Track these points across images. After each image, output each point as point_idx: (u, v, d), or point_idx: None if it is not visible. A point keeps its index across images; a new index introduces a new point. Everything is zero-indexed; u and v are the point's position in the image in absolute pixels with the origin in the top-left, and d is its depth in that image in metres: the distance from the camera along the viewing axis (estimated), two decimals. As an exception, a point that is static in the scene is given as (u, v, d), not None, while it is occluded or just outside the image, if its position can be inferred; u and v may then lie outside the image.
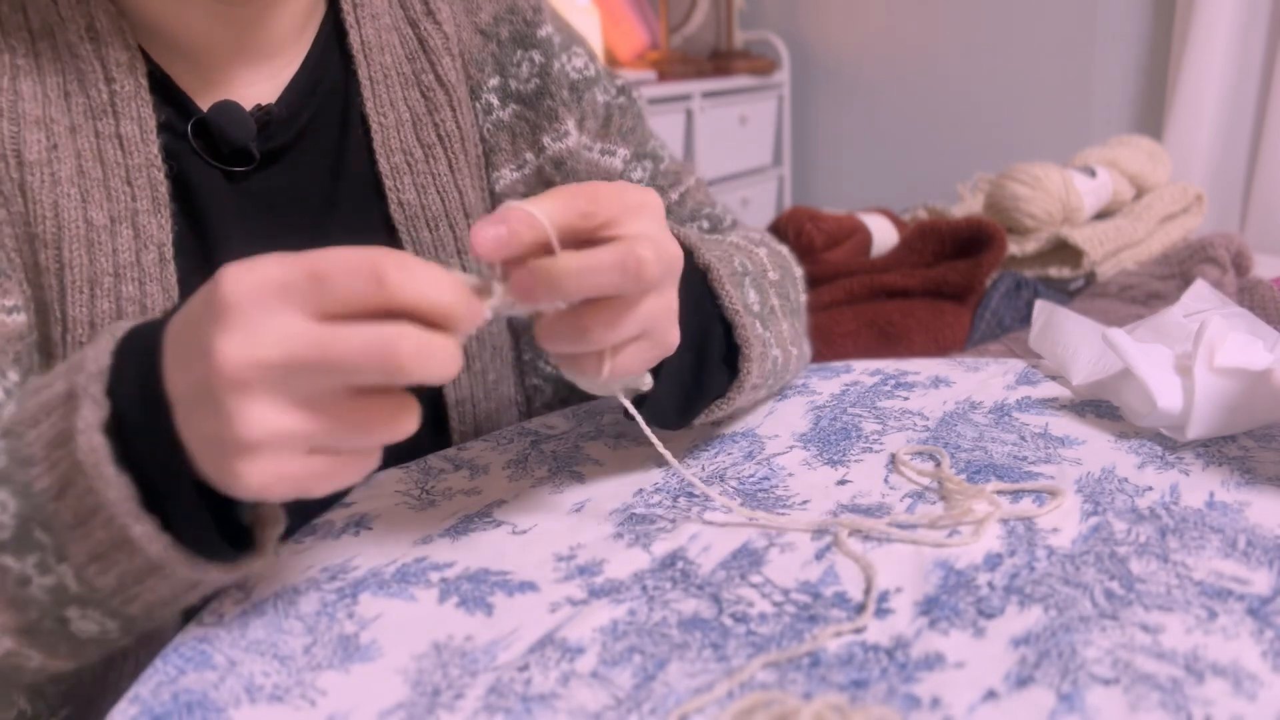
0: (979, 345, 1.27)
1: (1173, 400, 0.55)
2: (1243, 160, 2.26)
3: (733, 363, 0.55)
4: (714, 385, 0.55)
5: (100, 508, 0.38)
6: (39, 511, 0.39)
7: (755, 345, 0.55)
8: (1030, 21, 2.44)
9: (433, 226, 0.63)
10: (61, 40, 0.55)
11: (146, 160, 0.55)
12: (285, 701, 0.38)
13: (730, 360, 0.56)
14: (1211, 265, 1.32)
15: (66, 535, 0.39)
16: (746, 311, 0.55)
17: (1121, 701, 0.35)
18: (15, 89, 0.54)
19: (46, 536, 0.39)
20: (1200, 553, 0.44)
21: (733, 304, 0.54)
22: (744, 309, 0.55)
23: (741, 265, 0.58)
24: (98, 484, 0.38)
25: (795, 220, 1.51)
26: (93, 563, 0.40)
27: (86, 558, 0.40)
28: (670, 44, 2.71)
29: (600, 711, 0.37)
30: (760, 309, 0.58)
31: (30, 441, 0.39)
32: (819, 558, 0.46)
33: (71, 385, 0.39)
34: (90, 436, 0.38)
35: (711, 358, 0.55)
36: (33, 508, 0.39)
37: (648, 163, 0.73)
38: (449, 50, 0.65)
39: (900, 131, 2.71)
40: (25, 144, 0.53)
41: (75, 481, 0.38)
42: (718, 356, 0.55)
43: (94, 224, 0.54)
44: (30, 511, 0.39)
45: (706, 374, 0.54)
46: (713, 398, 0.56)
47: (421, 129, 0.64)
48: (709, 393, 0.55)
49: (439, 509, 0.54)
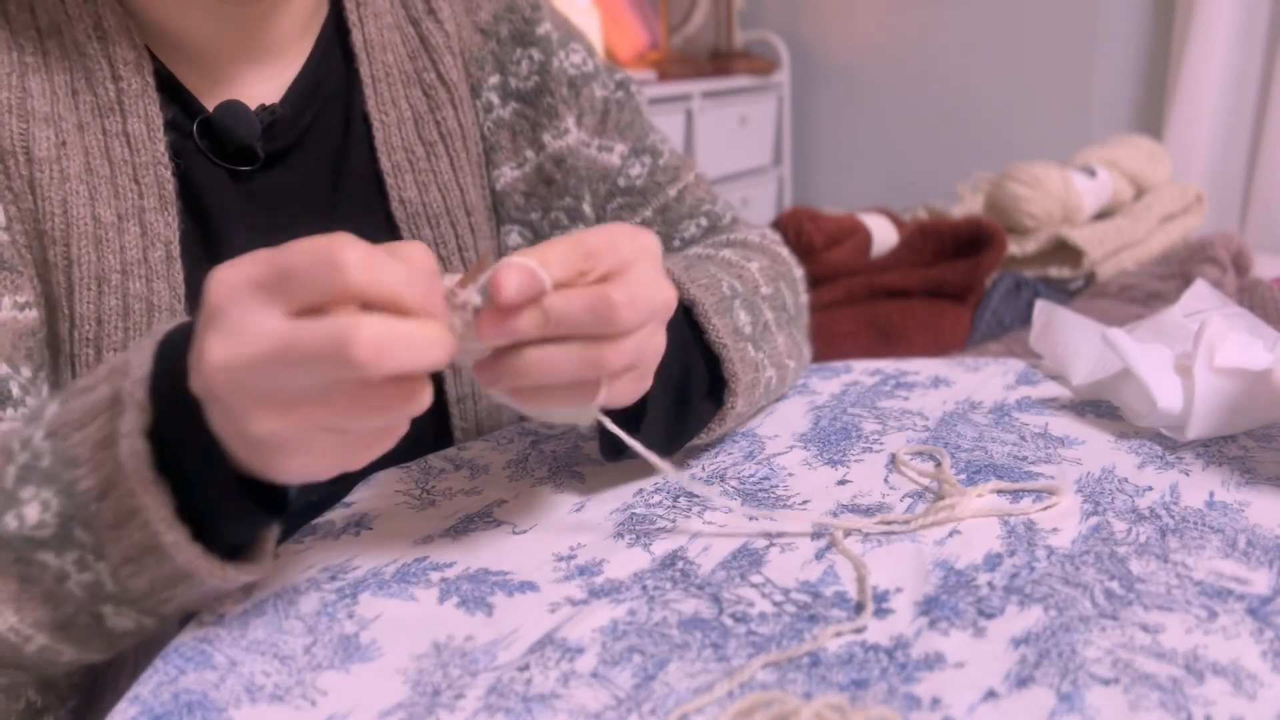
0: (979, 345, 1.27)
1: (1173, 400, 0.55)
2: (1243, 160, 2.26)
3: (717, 394, 0.55)
4: (697, 420, 0.55)
5: (138, 511, 0.39)
6: (81, 511, 0.40)
7: (744, 375, 0.55)
8: (1030, 21, 2.44)
9: (434, 224, 0.63)
10: (69, 38, 0.55)
11: (153, 158, 0.56)
12: (285, 701, 0.38)
13: (714, 392, 0.56)
14: (1211, 265, 1.32)
15: (106, 535, 0.40)
16: (737, 336, 0.55)
17: (1121, 701, 0.35)
18: (24, 86, 0.54)
19: (86, 535, 0.40)
20: (1200, 553, 0.44)
21: (719, 337, 0.54)
22: (733, 336, 0.55)
23: (730, 288, 0.57)
24: (138, 488, 0.39)
25: (795, 220, 1.51)
26: (126, 564, 0.40)
27: (121, 559, 0.40)
28: (670, 44, 2.71)
29: (600, 711, 0.37)
30: (753, 329, 0.57)
31: (77, 443, 0.40)
32: (819, 558, 0.46)
33: (116, 390, 0.40)
34: (133, 441, 0.38)
35: (695, 394, 0.55)
36: (75, 507, 0.40)
37: (646, 158, 0.73)
38: (450, 49, 0.65)
39: (900, 131, 2.71)
40: (34, 141, 0.54)
41: (117, 484, 0.39)
42: (701, 392, 0.55)
43: (102, 221, 0.54)
44: (72, 511, 0.40)
45: (689, 411, 0.54)
46: (697, 430, 0.56)
47: (423, 127, 0.64)
48: (693, 428, 0.56)
49: (439, 509, 0.54)
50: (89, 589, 0.41)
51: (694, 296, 0.54)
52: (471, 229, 0.65)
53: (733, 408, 0.55)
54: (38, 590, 0.41)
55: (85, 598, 0.41)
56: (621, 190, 0.71)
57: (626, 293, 0.41)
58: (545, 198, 0.68)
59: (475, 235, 0.65)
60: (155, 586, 0.41)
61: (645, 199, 0.72)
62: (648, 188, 0.72)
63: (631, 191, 0.72)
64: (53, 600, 0.41)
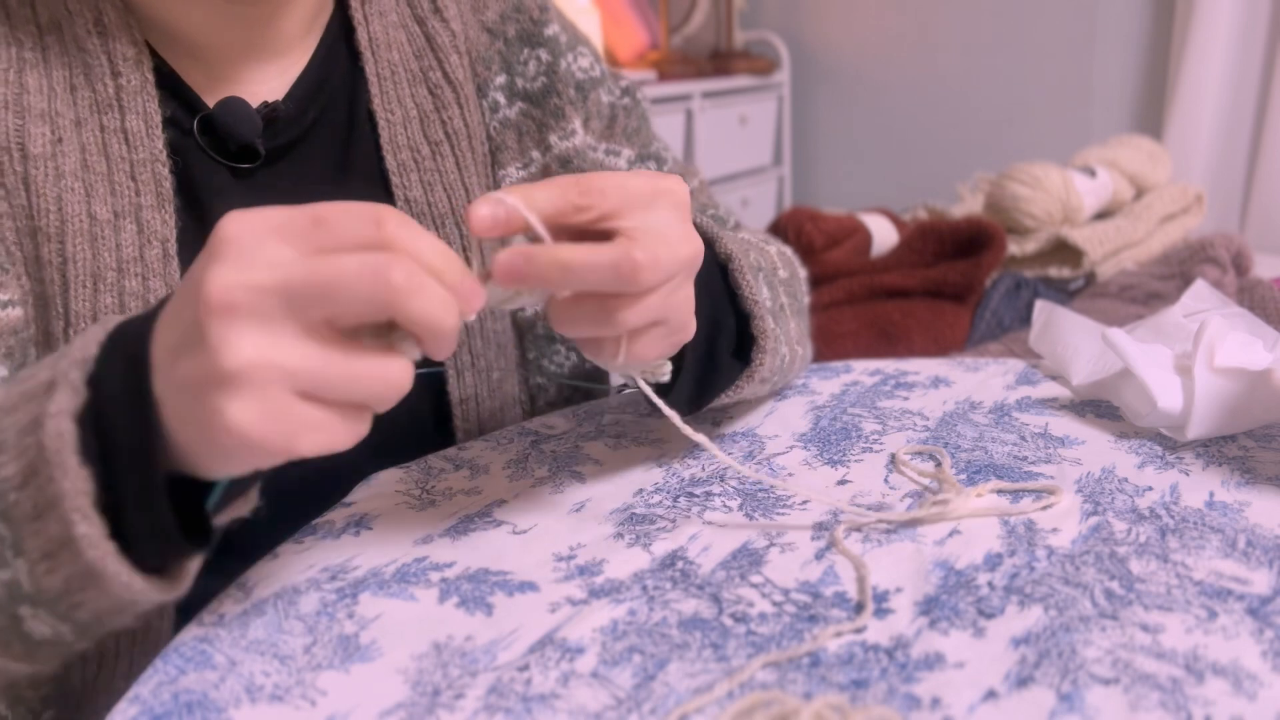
0: (979, 345, 1.27)
1: (1173, 400, 0.55)
2: (1243, 160, 2.26)
3: (742, 355, 0.56)
4: (724, 377, 0.56)
5: (57, 500, 0.37)
6: (1, 500, 0.38)
7: (770, 338, 0.55)
8: (1030, 21, 2.44)
9: (439, 224, 0.63)
10: (69, 34, 0.55)
11: (151, 155, 0.56)
12: (285, 701, 0.38)
13: (739, 353, 0.56)
14: (1211, 265, 1.32)
15: (25, 528, 0.38)
16: (761, 305, 0.56)
17: (1121, 701, 0.35)
18: (21, 82, 0.54)
19: (5, 529, 0.38)
20: (1200, 553, 0.44)
21: (753, 294, 0.54)
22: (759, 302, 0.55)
23: (756, 260, 0.58)
24: (57, 472, 0.36)
25: (795, 220, 1.51)
26: (43, 560, 0.38)
27: (39, 554, 0.38)
28: (670, 44, 2.71)
29: (600, 711, 0.37)
30: (772, 305, 0.58)
31: (4, 428, 0.38)
32: (819, 558, 0.46)
33: (54, 373, 0.38)
34: (59, 421, 0.36)
35: (723, 349, 0.55)
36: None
37: (651, 164, 0.73)
38: (456, 48, 0.65)
39: (900, 131, 2.70)
40: (30, 137, 0.53)
41: (39, 470, 0.37)
42: (729, 349, 0.55)
43: (97, 218, 0.54)
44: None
45: (719, 365, 0.55)
46: (723, 388, 0.56)
47: (428, 126, 0.64)
48: (720, 383, 0.56)
49: (439, 509, 0.54)
50: (6, 587, 0.39)
51: (730, 251, 0.54)
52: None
53: (761, 364, 0.55)
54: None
55: (4, 596, 0.39)
56: None
57: (650, 252, 0.40)
58: None
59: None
60: (69, 586, 0.39)
61: None
62: None
63: None
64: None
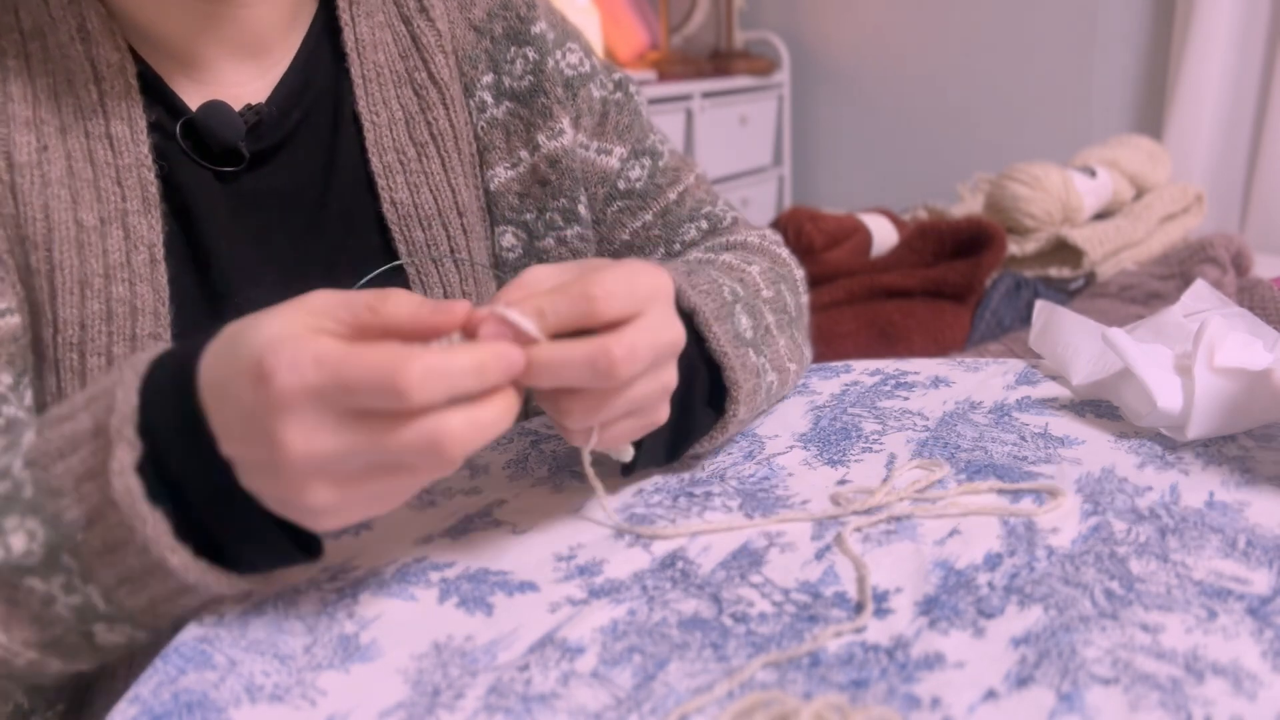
0: (979, 345, 1.27)
1: (1172, 400, 0.55)
2: (1243, 160, 2.26)
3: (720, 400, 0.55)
4: (700, 426, 0.55)
5: (132, 539, 0.40)
6: (68, 540, 0.41)
7: (746, 383, 0.54)
8: (1030, 22, 2.44)
9: (425, 226, 0.63)
10: (53, 41, 0.55)
11: (136, 160, 0.55)
12: (285, 701, 0.38)
13: (718, 398, 0.55)
14: (1211, 265, 1.32)
15: (95, 560, 0.41)
16: (738, 342, 0.54)
17: (1121, 701, 0.35)
18: (5, 91, 0.54)
19: (73, 561, 0.41)
20: (1200, 553, 0.44)
21: (720, 346, 0.53)
22: (734, 342, 0.54)
23: (731, 292, 0.57)
24: (134, 521, 0.40)
25: (795, 220, 1.51)
26: (122, 585, 0.41)
27: (116, 581, 0.41)
28: (670, 44, 2.71)
29: (600, 711, 0.37)
30: (754, 334, 0.57)
31: (60, 474, 0.41)
32: (819, 558, 0.46)
33: (99, 423, 0.40)
34: (126, 479, 0.39)
35: (697, 402, 0.54)
36: (61, 536, 0.41)
37: (646, 160, 0.72)
38: (442, 48, 0.65)
39: (900, 131, 2.71)
40: (15, 146, 0.53)
41: (106, 515, 0.40)
42: (703, 399, 0.55)
43: (84, 225, 0.54)
44: (59, 540, 0.41)
45: (692, 419, 0.54)
46: (699, 438, 0.56)
47: (414, 127, 0.63)
48: (694, 434, 0.55)
49: (439, 509, 0.54)
50: (77, 610, 0.42)
51: (694, 304, 0.53)
52: (464, 230, 0.64)
53: (734, 415, 0.55)
54: (25, 613, 0.42)
55: (74, 619, 0.42)
56: (621, 194, 0.71)
57: (626, 345, 0.41)
58: (540, 198, 0.67)
59: (468, 237, 0.64)
60: (155, 601, 0.42)
61: (645, 202, 0.71)
62: (648, 191, 0.72)
63: (631, 195, 0.71)
64: (40, 622, 0.42)
